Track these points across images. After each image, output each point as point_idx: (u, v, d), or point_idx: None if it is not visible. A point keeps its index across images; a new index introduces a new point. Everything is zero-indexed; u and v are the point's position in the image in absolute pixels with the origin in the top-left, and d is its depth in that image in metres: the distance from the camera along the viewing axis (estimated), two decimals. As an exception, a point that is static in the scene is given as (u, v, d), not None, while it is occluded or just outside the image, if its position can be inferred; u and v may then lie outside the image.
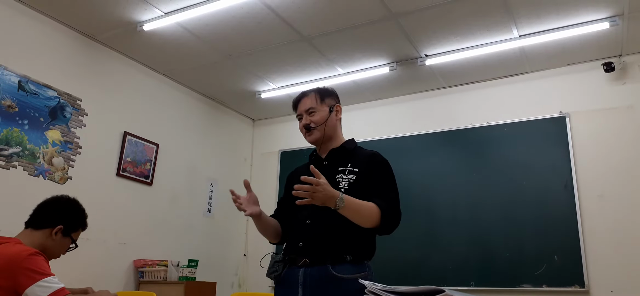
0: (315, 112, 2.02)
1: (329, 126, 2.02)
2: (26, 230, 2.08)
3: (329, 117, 2.02)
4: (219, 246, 4.90)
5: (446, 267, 4.05)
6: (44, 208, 2.13)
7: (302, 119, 2.05)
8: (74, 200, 2.21)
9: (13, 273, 1.79)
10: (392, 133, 4.65)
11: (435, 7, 3.35)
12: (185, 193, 4.60)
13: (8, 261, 1.81)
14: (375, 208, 1.80)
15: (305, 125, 2.02)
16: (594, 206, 3.73)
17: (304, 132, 2.05)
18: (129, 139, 4.09)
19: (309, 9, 3.41)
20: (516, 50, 3.87)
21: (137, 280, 4.01)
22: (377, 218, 1.80)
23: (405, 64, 4.14)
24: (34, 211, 2.13)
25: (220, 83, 4.69)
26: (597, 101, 3.93)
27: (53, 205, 2.15)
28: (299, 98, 2.10)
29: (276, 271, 1.92)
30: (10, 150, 3.28)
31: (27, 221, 2.11)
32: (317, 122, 2.00)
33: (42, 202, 2.16)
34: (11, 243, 1.93)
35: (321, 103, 2.04)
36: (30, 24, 3.50)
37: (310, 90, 2.09)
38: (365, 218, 1.79)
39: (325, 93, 2.08)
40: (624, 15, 3.39)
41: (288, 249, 1.97)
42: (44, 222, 2.08)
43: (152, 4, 3.43)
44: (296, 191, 1.68)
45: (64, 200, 2.18)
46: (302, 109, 2.05)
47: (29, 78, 3.44)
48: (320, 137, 2.01)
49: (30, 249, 1.89)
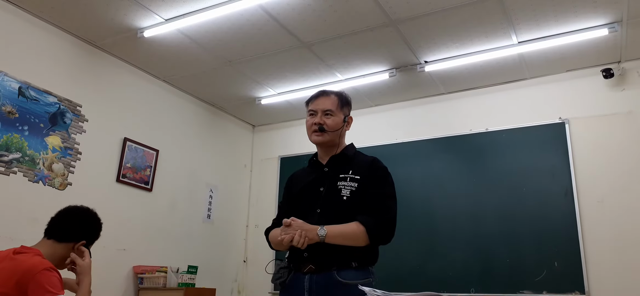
0: (332, 115, 1.99)
1: (339, 134, 2.01)
2: (48, 240, 2.05)
3: (342, 125, 2.01)
4: (218, 253, 4.89)
5: (446, 273, 4.04)
6: (68, 221, 2.10)
7: (315, 115, 2.01)
8: (94, 214, 2.20)
9: (26, 284, 1.79)
10: (392, 140, 4.66)
11: (435, 14, 3.36)
12: (185, 199, 4.60)
13: (24, 272, 1.81)
14: (360, 228, 1.81)
15: (318, 124, 1.98)
16: (594, 212, 3.73)
17: (313, 129, 2.00)
18: (128, 145, 4.09)
19: (308, 16, 3.42)
20: (515, 56, 3.88)
21: (137, 286, 4.00)
22: (364, 237, 1.81)
23: (404, 70, 4.15)
24: (56, 221, 2.10)
25: (220, 90, 4.70)
26: (597, 107, 3.93)
27: (78, 219, 2.13)
28: (318, 94, 2.05)
29: (281, 278, 1.92)
30: (10, 156, 3.28)
31: (48, 230, 2.08)
32: (331, 127, 1.98)
33: (64, 212, 2.13)
34: (30, 254, 1.91)
35: (340, 109, 2.01)
36: (31, 30, 3.51)
37: (332, 92, 2.06)
38: (351, 241, 1.81)
39: (345, 101, 2.06)
40: (622, 21, 3.40)
41: (292, 256, 1.96)
42: (68, 235, 2.07)
43: (153, 11, 3.44)
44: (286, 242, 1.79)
45: (87, 213, 2.17)
46: (320, 107, 2.00)
47: (30, 85, 3.44)
48: (328, 141, 2.00)
49: (47, 263, 1.88)
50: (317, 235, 1.76)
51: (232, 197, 5.17)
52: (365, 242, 1.81)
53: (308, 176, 2.06)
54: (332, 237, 1.77)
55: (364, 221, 1.81)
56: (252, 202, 5.37)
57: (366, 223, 1.81)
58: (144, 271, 4.00)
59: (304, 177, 2.09)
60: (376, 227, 1.82)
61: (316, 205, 1.92)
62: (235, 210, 5.20)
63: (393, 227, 1.87)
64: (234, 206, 5.21)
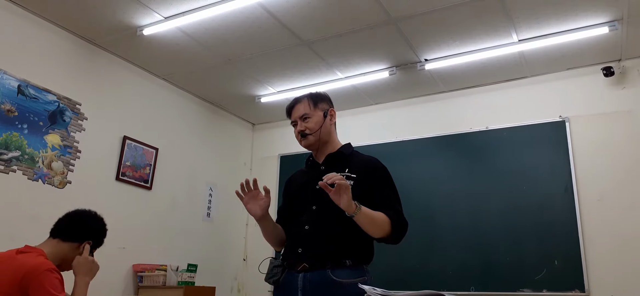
0: (309, 118, 2.01)
1: (324, 131, 2.02)
2: (53, 239, 2.05)
3: (323, 122, 2.02)
4: (218, 251, 4.89)
5: (446, 272, 4.04)
6: (74, 221, 2.11)
7: (296, 126, 2.04)
8: (101, 218, 2.20)
9: (27, 284, 1.79)
10: (392, 138, 4.65)
11: (435, 12, 3.36)
12: (184, 198, 4.60)
13: (27, 272, 1.81)
14: (387, 219, 1.82)
15: (300, 132, 2.02)
16: (594, 210, 3.73)
17: (299, 138, 2.05)
18: (128, 143, 4.08)
19: (308, 14, 3.41)
20: (516, 54, 3.88)
21: (136, 284, 3.99)
22: (389, 228, 1.81)
23: (404, 69, 4.14)
24: (62, 221, 2.10)
25: (220, 88, 4.70)
26: (597, 105, 3.93)
27: (83, 220, 2.13)
28: (292, 105, 2.09)
29: (275, 276, 1.92)
30: (9, 154, 3.28)
31: (53, 230, 2.08)
32: (311, 128, 2.00)
33: (71, 213, 2.14)
34: (34, 254, 1.91)
35: (314, 108, 2.03)
36: (30, 28, 3.50)
37: (303, 96, 2.08)
38: (377, 228, 1.80)
39: (318, 98, 2.07)
40: (623, 19, 3.39)
41: (287, 254, 1.96)
42: (73, 235, 2.07)
43: (152, 9, 3.43)
44: (326, 178, 1.69)
45: (94, 216, 2.18)
46: (296, 116, 2.04)
47: (29, 83, 3.44)
48: (315, 142, 2.01)
49: (49, 264, 1.88)
50: (353, 208, 1.71)
51: (231, 195, 5.11)
52: (386, 234, 1.82)
53: (305, 176, 2.08)
54: (364, 215, 1.74)
55: (390, 215, 1.83)
56: (252, 200, 5.36)
57: (392, 217, 1.83)
58: (143, 270, 4.00)
59: (300, 177, 2.11)
60: (398, 223, 1.85)
61: (312, 202, 1.93)
62: (235, 209, 5.18)
63: (406, 226, 1.90)
64: (234, 204, 5.18)
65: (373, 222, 1.79)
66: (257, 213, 1.95)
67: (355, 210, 1.71)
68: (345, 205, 1.70)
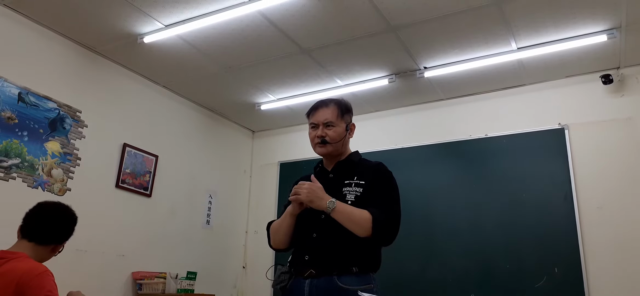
0: (333, 126, 1.97)
1: (343, 143, 2.01)
2: (28, 243, 2.03)
3: (345, 135, 2.00)
4: (217, 259, 4.88)
5: (446, 279, 4.03)
6: (49, 224, 2.08)
7: (316, 128, 2.00)
8: (72, 213, 2.18)
9: (23, 289, 1.78)
10: (391, 145, 4.66)
11: (434, 20, 3.37)
12: (184, 205, 4.59)
13: (22, 277, 1.80)
14: (367, 215, 1.80)
15: (320, 137, 1.98)
16: (593, 218, 3.72)
17: (316, 142, 2.00)
18: (128, 151, 4.09)
19: (308, 22, 3.43)
20: (515, 62, 3.89)
21: (136, 292, 3.98)
22: (369, 225, 1.79)
23: (404, 76, 4.15)
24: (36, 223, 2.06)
25: (220, 95, 4.71)
26: (596, 113, 3.94)
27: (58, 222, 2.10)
28: (317, 106, 2.04)
29: (282, 283, 1.92)
30: (9, 161, 3.28)
31: (28, 233, 2.05)
32: (333, 138, 1.97)
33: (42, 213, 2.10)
34: (22, 259, 1.91)
35: (340, 118, 2.00)
36: (31, 35, 3.52)
37: (331, 101, 2.03)
38: (355, 225, 1.80)
39: (345, 109, 2.03)
40: (621, 27, 3.41)
41: (294, 261, 1.96)
42: (51, 238, 2.06)
43: (153, 17, 3.45)
44: (292, 196, 1.86)
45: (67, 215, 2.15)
46: (320, 119, 1.99)
47: (29, 90, 3.45)
48: (332, 152, 2.00)
49: (42, 267, 1.88)
50: (325, 205, 1.75)
51: (231, 202, 5.16)
52: (367, 233, 1.79)
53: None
54: (340, 212, 1.77)
55: (373, 212, 1.81)
56: (252, 207, 5.37)
57: (375, 214, 1.81)
58: (142, 277, 3.99)
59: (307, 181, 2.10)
60: (382, 222, 1.81)
61: (320, 211, 1.91)
62: (234, 216, 5.19)
63: (397, 228, 1.87)
64: (234, 212, 5.21)
65: (350, 218, 1.79)
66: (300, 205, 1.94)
67: (329, 205, 1.76)
68: (309, 202, 1.80)
